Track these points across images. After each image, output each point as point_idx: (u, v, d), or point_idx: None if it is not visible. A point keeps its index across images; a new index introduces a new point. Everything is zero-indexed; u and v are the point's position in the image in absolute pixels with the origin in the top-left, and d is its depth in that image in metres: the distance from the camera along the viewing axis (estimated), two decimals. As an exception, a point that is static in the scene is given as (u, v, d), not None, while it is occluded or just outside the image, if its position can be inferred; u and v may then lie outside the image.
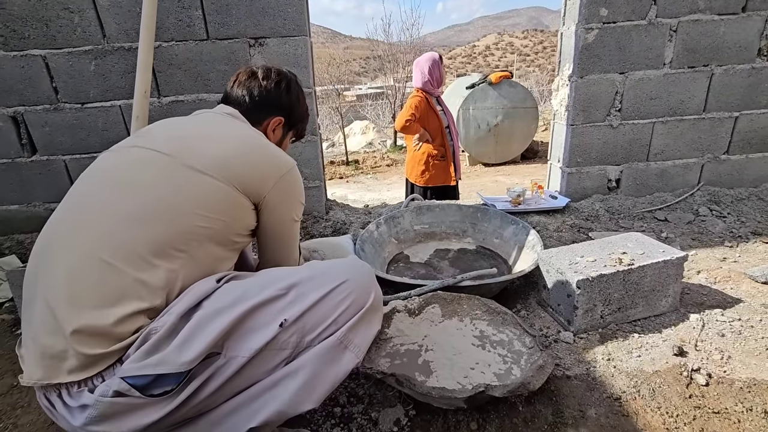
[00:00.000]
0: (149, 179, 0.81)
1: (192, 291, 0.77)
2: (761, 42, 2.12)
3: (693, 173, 2.33)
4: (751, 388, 1.06)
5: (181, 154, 0.83)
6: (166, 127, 0.96)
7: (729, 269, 1.64)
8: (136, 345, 0.71)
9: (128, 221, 0.76)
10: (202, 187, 0.82)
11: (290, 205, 0.98)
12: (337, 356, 0.77)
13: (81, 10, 1.73)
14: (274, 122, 1.08)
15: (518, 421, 1.01)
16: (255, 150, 0.92)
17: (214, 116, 1.01)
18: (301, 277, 0.80)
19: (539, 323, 1.38)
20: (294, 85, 1.12)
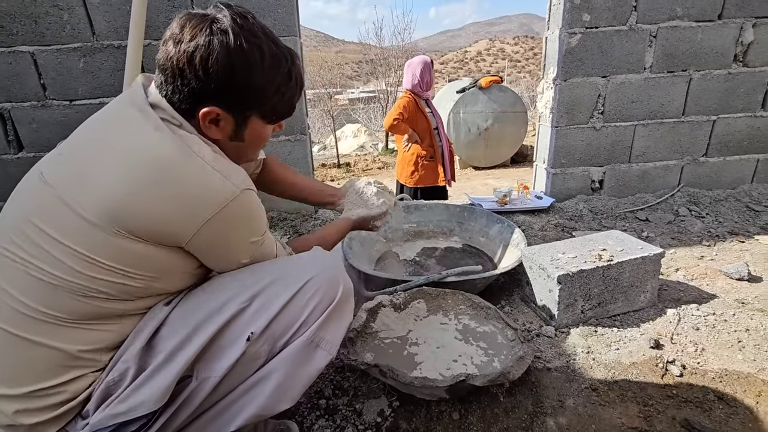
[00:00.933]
0: (42, 241, 0.63)
1: (144, 324, 0.71)
2: (736, 48, 2.19)
3: (673, 175, 2.40)
4: (722, 378, 1.11)
5: (77, 197, 0.63)
6: (77, 140, 0.71)
7: (706, 267, 1.69)
8: (96, 397, 0.68)
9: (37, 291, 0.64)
10: (99, 247, 0.63)
11: (232, 243, 0.73)
12: (310, 355, 0.75)
13: (70, 7, 1.74)
14: (204, 116, 0.70)
15: (499, 411, 1.03)
16: (162, 189, 0.64)
17: (126, 119, 0.69)
18: (264, 283, 0.73)
19: (522, 318, 1.41)
20: (235, 49, 0.67)
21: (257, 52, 0.69)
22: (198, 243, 0.68)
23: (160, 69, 0.70)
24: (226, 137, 0.75)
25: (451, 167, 3.07)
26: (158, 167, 0.64)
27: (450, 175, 3.02)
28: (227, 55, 0.67)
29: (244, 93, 0.71)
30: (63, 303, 0.64)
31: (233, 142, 0.77)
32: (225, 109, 0.71)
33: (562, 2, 2.04)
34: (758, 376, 1.10)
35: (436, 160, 2.92)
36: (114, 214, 0.62)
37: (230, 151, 0.78)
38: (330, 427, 1.00)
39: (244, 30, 0.68)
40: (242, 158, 0.83)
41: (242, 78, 0.69)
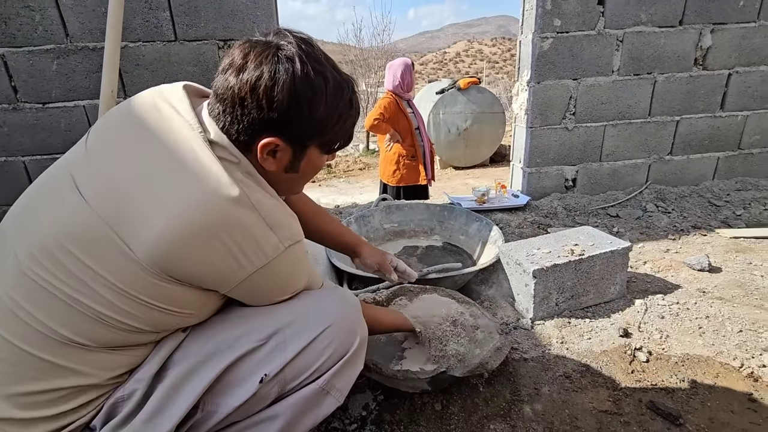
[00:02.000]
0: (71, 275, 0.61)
1: (159, 351, 0.69)
2: (696, 52, 2.32)
3: (641, 173, 2.52)
4: (684, 362, 1.18)
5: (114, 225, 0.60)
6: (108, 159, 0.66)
7: (671, 259, 1.79)
8: (104, 412, 0.66)
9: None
10: (139, 284, 0.61)
11: (271, 294, 0.73)
12: (318, 402, 0.74)
13: (42, 8, 1.70)
14: (263, 147, 0.67)
15: (479, 400, 1.08)
16: (211, 242, 0.61)
17: (176, 149, 0.64)
18: (282, 322, 0.71)
19: (500, 312, 1.46)
20: (298, 78, 0.64)
21: (323, 81, 0.66)
22: (238, 292, 0.69)
23: (219, 99, 0.66)
24: (281, 169, 0.72)
25: (432, 167, 3.12)
26: (207, 220, 0.60)
27: (431, 174, 3.08)
28: (293, 84, 0.64)
29: (308, 123, 0.68)
30: (95, 331, 0.62)
31: (287, 174, 0.74)
32: (285, 140, 0.68)
33: (534, 8, 2.12)
34: (716, 359, 1.19)
35: (418, 159, 2.97)
36: (163, 260, 0.60)
37: (282, 183, 0.75)
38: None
39: (310, 58, 0.66)
40: (292, 190, 0.83)
41: (307, 108, 0.67)
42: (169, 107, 0.68)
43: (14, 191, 1.93)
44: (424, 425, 1.01)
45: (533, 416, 1.03)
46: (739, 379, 1.12)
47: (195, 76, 1.90)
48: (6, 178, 1.92)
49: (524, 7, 2.24)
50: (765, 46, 2.37)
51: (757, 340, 1.24)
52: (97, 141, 0.69)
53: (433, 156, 3.15)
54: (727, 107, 2.46)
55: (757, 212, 2.26)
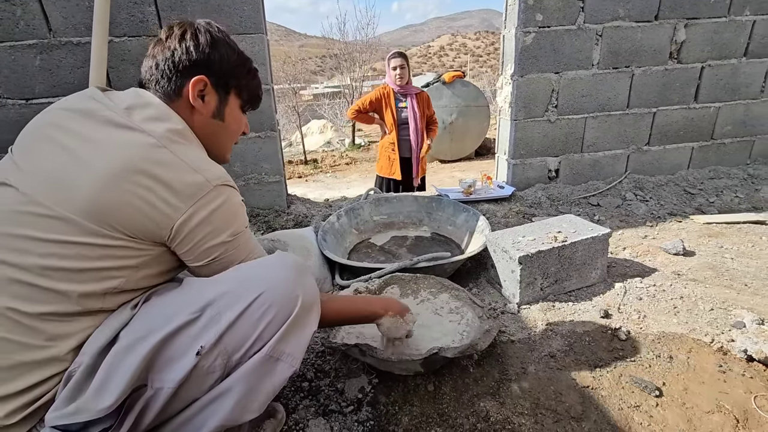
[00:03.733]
0: (12, 241, 0.67)
1: (107, 324, 0.72)
2: (671, 46, 2.41)
3: (621, 163, 2.61)
4: (660, 340, 1.26)
5: (45, 199, 0.67)
6: (36, 145, 0.73)
7: (648, 245, 1.88)
8: (60, 389, 0.68)
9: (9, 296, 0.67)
10: (78, 245, 0.67)
11: (209, 237, 0.76)
12: (269, 369, 0.74)
13: (24, 2, 1.68)
14: (195, 84, 0.80)
15: (469, 380, 1.13)
16: (141, 187, 0.68)
17: (96, 121, 0.72)
18: (216, 293, 0.72)
19: (488, 298, 1.52)
20: (214, 34, 0.83)
21: (231, 41, 0.86)
22: (183, 242, 0.73)
23: (151, 58, 0.81)
24: (209, 114, 0.84)
25: (418, 166, 3.05)
26: (134, 167, 0.68)
27: (416, 172, 3.04)
28: (211, 35, 0.82)
29: (226, 65, 0.83)
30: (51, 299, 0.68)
31: (214, 121, 0.85)
32: (211, 81, 0.82)
33: (517, 3, 2.17)
34: (689, 335, 1.27)
35: (395, 153, 3.00)
36: (95, 211, 0.66)
37: (209, 133, 0.85)
38: (314, 405, 1.07)
39: (220, 30, 0.85)
40: (221, 143, 0.90)
41: (225, 53, 0.83)
42: (78, 100, 0.77)
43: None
44: (418, 405, 1.06)
45: (520, 393, 1.08)
46: (710, 353, 1.20)
47: (182, 71, 1.89)
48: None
49: (507, 2, 2.29)
50: (735, 41, 2.48)
51: (727, 317, 1.33)
52: (18, 146, 0.75)
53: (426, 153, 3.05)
54: (700, 99, 2.57)
55: (729, 199, 2.37)
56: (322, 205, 2.45)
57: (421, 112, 2.95)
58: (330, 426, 1.00)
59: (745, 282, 1.54)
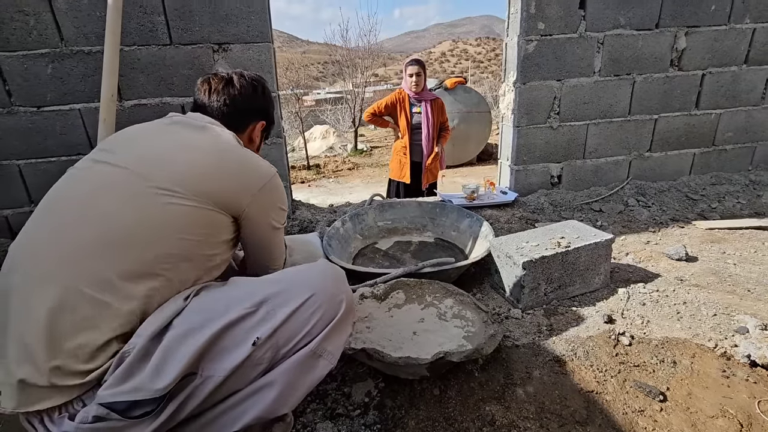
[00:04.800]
0: (123, 205, 0.79)
1: (161, 311, 0.77)
2: (672, 54, 2.44)
3: (622, 169, 2.63)
4: (664, 345, 1.27)
5: (154, 175, 0.82)
6: (136, 141, 0.91)
7: (651, 250, 1.89)
8: (111, 369, 0.72)
9: (104, 250, 0.75)
10: (174, 210, 0.81)
11: (271, 215, 0.98)
12: (312, 365, 0.80)
13: (37, 12, 1.71)
14: (259, 126, 1.10)
15: (475, 385, 1.15)
16: (230, 165, 0.90)
17: (186, 130, 0.94)
18: (270, 292, 0.80)
19: (492, 303, 1.53)
20: (267, 89, 1.13)
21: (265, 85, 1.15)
22: (252, 206, 0.92)
23: (223, 107, 1.03)
24: (256, 147, 1.15)
25: (428, 173, 3.07)
26: (229, 154, 0.93)
27: (425, 180, 3.07)
28: (268, 87, 1.15)
29: (274, 114, 1.18)
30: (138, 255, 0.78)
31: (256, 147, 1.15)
32: (266, 123, 1.14)
33: (519, 12, 2.20)
34: (693, 341, 1.28)
35: (407, 157, 3.04)
36: (199, 184, 0.84)
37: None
38: (321, 409, 1.08)
39: (262, 78, 1.16)
40: None
41: (274, 104, 1.25)
42: (171, 119, 1.00)
43: (10, 195, 1.94)
44: (424, 409, 1.07)
45: (525, 398, 1.10)
46: (714, 358, 1.21)
47: (190, 79, 1.93)
48: (1, 182, 1.91)
49: (509, 11, 2.32)
50: (735, 48, 2.50)
51: (730, 322, 1.34)
52: (116, 141, 0.93)
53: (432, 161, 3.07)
54: (701, 106, 2.59)
55: (731, 205, 2.38)
56: (326, 210, 2.47)
57: (435, 118, 2.99)
58: (337, 429, 1.01)
59: (748, 288, 1.55)
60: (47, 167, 1.92)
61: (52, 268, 0.73)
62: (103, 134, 1.58)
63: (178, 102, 1.96)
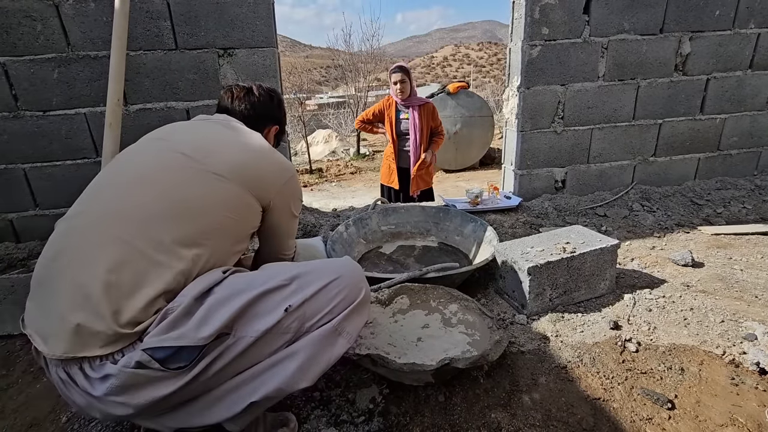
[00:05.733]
0: (180, 180, 0.91)
1: (203, 278, 0.85)
2: (676, 59, 2.44)
3: (627, 174, 2.62)
4: (671, 351, 1.26)
5: (206, 160, 0.95)
6: (187, 131, 1.06)
7: (657, 256, 1.88)
8: (155, 323, 0.78)
9: (163, 217, 0.86)
10: (222, 191, 0.94)
11: (291, 204, 1.12)
12: (332, 341, 0.87)
13: (44, 18, 1.73)
14: (273, 130, 1.25)
15: (480, 391, 1.14)
16: (265, 158, 1.04)
17: (224, 126, 1.09)
18: (301, 270, 0.89)
19: (497, 309, 1.52)
20: (281, 100, 1.28)
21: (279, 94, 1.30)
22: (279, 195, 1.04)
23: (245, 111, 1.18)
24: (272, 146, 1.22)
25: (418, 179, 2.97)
26: (265, 149, 1.06)
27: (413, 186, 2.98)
28: (279, 95, 1.28)
29: (285, 121, 1.31)
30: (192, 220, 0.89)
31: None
32: (280, 128, 1.28)
33: (523, 17, 2.21)
34: (700, 347, 1.26)
35: (395, 162, 3.03)
36: (242, 171, 0.97)
37: None
38: (326, 415, 1.07)
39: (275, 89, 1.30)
40: None
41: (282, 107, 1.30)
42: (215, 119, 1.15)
43: (15, 199, 1.95)
44: (429, 416, 1.06)
45: (531, 405, 1.09)
46: (722, 365, 1.19)
47: (195, 84, 1.94)
48: (6, 186, 1.92)
49: (513, 16, 2.33)
50: (740, 53, 2.50)
51: (738, 329, 1.32)
52: (169, 130, 1.06)
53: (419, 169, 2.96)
54: (706, 110, 2.58)
55: (737, 210, 2.37)
56: (330, 214, 2.47)
57: (424, 124, 2.90)
58: (342, 436, 1.00)
59: (756, 294, 1.54)
60: (52, 171, 1.93)
61: (116, 227, 0.83)
62: (108, 138, 1.59)
63: (183, 106, 1.97)
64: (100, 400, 0.76)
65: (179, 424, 0.82)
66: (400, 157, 3.01)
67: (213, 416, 0.81)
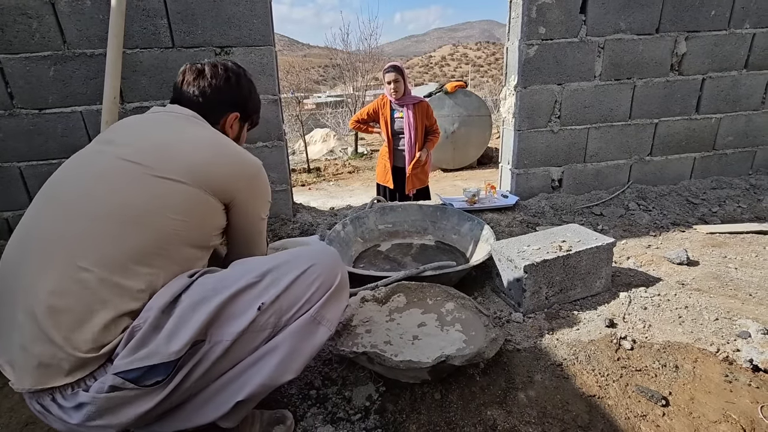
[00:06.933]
0: (125, 190, 0.82)
1: (169, 288, 0.81)
2: (672, 58, 2.45)
3: (623, 173, 2.63)
4: (666, 349, 1.26)
5: (153, 164, 0.85)
6: (132, 131, 0.94)
7: (652, 254, 1.89)
8: (123, 343, 0.75)
9: (108, 232, 0.78)
10: (174, 194, 0.84)
11: (258, 204, 1.02)
12: (312, 330, 0.85)
13: (40, 15, 1.72)
14: (231, 118, 1.08)
15: (476, 389, 1.14)
16: (223, 154, 0.93)
17: (175, 119, 0.98)
18: (273, 264, 0.85)
19: (494, 307, 1.53)
20: (243, 79, 1.10)
21: (250, 76, 1.14)
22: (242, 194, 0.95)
23: (190, 94, 1.03)
24: (234, 136, 1.13)
25: (413, 178, 2.97)
26: (221, 145, 0.96)
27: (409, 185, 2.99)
28: (246, 77, 1.12)
29: (253, 103, 1.15)
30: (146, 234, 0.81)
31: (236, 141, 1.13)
32: (241, 114, 1.11)
33: (520, 16, 2.21)
34: (695, 345, 1.27)
35: (390, 161, 3.03)
36: (196, 170, 0.88)
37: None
38: (322, 413, 1.07)
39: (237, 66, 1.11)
40: None
41: (254, 93, 1.15)
42: (165, 111, 1.03)
43: (10, 197, 1.94)
44: (425, 413, 1.07)
45: (527, 402, 1.09)
46: (716, 362, 1.20)
47: (192, 82, 1.93)
48: (2, 184, 1.91)
49: (510, 16, 2.33)
50: (735, 53, 2.51)
51: (732, 327, 1.33)
52: (113, 132, 0.96)
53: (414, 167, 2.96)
54: (701, 110, 2.59)
55: (732, 209, 2.38)
56: (327, 213, 2.47)
57: (418, 123, 2.89)
58: (338, 433, 1.01)
59: (750, 292, 1.55)
60: (49, 169, 1.92)
61: (59, 251, 0.76)
62: (104, 136, 1.58)
63: (179, 105, 1.96)
64: (80, 425, 0.73)
65: (169, 429, 0.81)
66: (396, 157, 3.02)
67: (201, 418, 0.81)
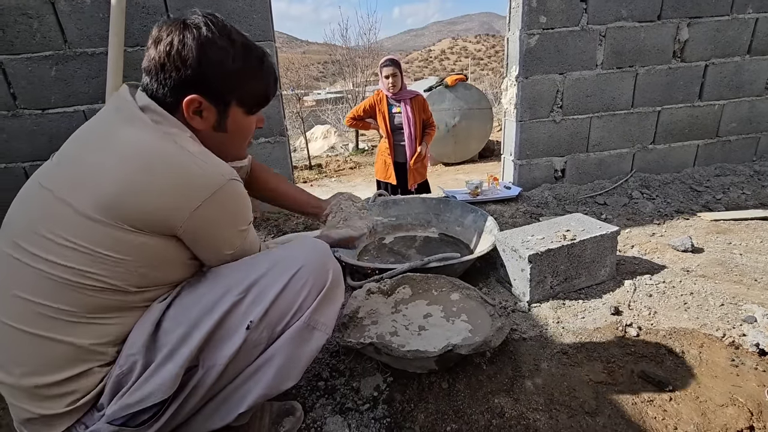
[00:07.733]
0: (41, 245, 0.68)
1: (142, 323, 0.74)
2: (674, 45, 2.43)
3: (626, 162, 2.62)
4: (671, 335, 1.27)
5: (73, 198, 0.67)
6: (72, 155, 0.74)
7: (656, 242, 1.89)
8: (108, 390, 0.72)
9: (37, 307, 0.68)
10: (93, 237, 0.67)
11: (221, 230, 0.76)
12: (307, 337, 0.80)
13: (40, 15, 1.72)
14: (188, 105, 0.74)
15: (483, 378, 1.15)
16: (154, 177, 0.67)
17: (114, 114, 0.74)
18: (257, 274, 0.77)
19: (499, 297, 1.54)
20: (217, 47, 0.74)
21: (228, 41, 0.75)
22: (188, 230, 0.71)
23: (145, 71, 0.76)
24: (210, 128, 0.79)
25: (415, 173, 2.97)
26: (147, 160, 0.68)
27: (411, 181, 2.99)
28: (200, 45, 0.73)
29: (220, 79, 0.76)
30: (71, 298, 0.68)
31: (217, 133, 0.81)
32: (206, 96, 0.75)
33: (520, 5, 2.20)
34: (700, 331, 1.27)
35: (390, 157, 3.02)
36: (111, 206, 0.66)
37: (215, 143, 0.80)
38: (331, 404, 1.09)
39: (215, 25, 0.75)
40: (227, 152, 0.85)
41: (217, 63, 0.74)
42: (110, 102, 0.79)
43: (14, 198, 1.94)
44: (433, 402, 1.07)
45: (534, 390, 1.10)
46: (722, 347, 1.20)
47: (193, 79, 1.93)
48: (6, 185, 1.93)
49: (511, 5, 2.32)
50: (738, 38, 2.49)
51: (737, 312, 1.34)
52: (60, 149, 0.77)
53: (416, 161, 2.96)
54: (704, 97, 2.58)
55: (736, 196, 2.37)
56: (330, 208, 2.47)
57: (417, 117, 2.89)
58: (347, 423, 1.02)
59: (755, 277, 1.55)
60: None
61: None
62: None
63: (181, 102, 1.96)
64: None
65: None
66: (396, 152, 3.00)
67: (206, 429, 0.80)
